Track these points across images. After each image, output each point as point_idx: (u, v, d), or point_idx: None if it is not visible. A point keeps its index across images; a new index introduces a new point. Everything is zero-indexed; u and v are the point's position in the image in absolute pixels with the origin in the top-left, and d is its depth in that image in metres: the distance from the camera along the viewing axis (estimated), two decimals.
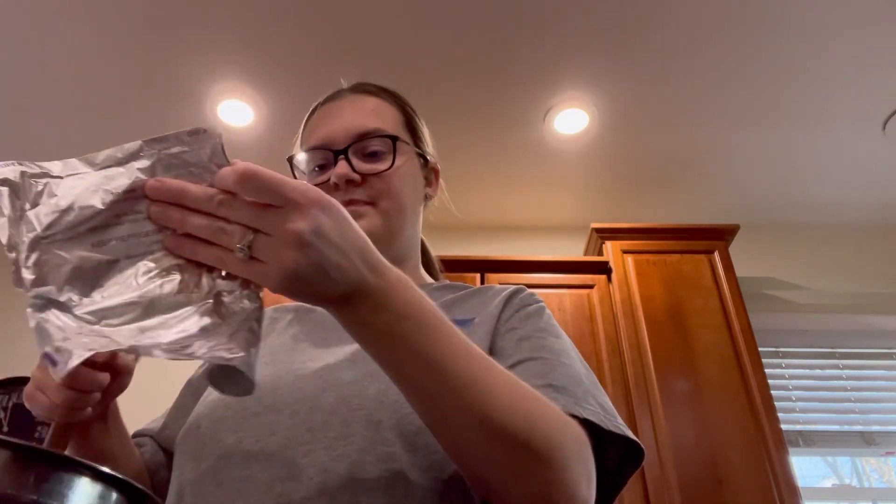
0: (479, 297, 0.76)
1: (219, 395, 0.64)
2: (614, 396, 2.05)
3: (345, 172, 0.74)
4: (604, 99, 2.33)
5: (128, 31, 2.05)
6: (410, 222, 0.81)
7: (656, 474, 1.91)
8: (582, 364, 0.66)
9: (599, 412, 0.58)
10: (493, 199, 2.84)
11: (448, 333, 0.49)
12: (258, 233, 0.42)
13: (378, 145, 0.77)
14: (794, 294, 2.74)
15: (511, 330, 0.68)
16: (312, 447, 0.55)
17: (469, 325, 0.69)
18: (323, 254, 0.43)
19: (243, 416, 0.60)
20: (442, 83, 2.26)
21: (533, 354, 0.63)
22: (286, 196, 0.42)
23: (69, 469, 0.33)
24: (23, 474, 0.32)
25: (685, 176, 2.70)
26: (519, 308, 0.72)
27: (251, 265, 0.42)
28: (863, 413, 2.53)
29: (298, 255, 0.41)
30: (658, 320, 2.22)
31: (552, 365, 0.61)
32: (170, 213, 0.44)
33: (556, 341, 0.66)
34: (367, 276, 0.46)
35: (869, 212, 2.86)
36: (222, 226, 0.43)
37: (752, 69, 2.20)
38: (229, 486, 0.55)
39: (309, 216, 0.42)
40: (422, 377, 0.47)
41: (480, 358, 0.50)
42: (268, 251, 0.42)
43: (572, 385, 0.59)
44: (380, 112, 0.81)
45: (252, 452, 0.57)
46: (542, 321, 0.70)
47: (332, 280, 0.44)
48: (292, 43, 2.10)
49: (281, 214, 0.42)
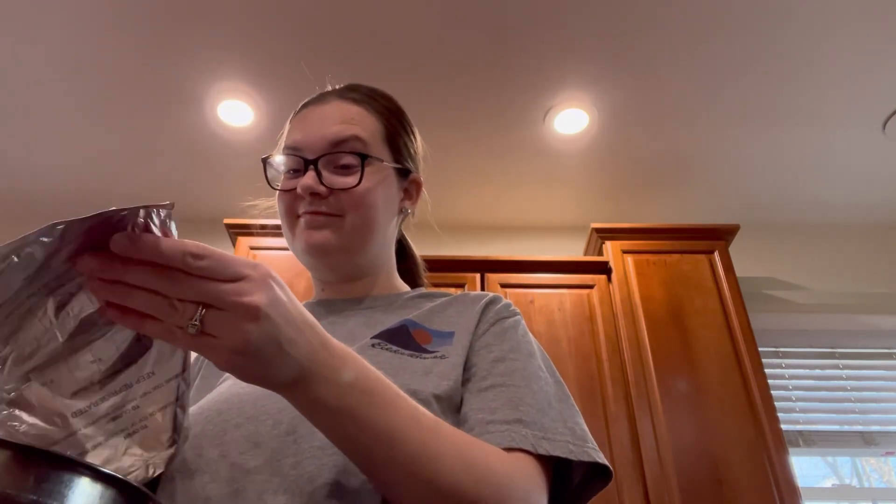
0: (456, 307, 0.76)
1: (197, 409, 0.64)
2: (614, 396, 2.06)
3: (310, 185, 0.73)
4: (604, 99, 2.33)
5: (128, 31, 2.05)
6: (377, 237, 0.79)
7: (656, 474, 1.91)
8: (553, 382, 0.67)
9: (569, 441, 0.60)
10: (493, 199, 2.84)
11: (396, 401, 0.51)
12: (209, 308, 0.42)
13: (350, 159, 0.76)
14: (794, 294, 2.74)
15: (486, 347, 0.68)
16: (298, 458, 0.55)
17: (451, 339, 0.69)
18: (278, 326, 0.43)
19: (224, 430, 0.59)
20: (442, 83, 2.26)
21: (505, 381, 0.64)
22: (239, 271, 0.43)
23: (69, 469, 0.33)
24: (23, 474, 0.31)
25: (685, 176, 2.70)
26: (495, 321, 0.72)
27: (202, 340, 0.42)
28: (863, 413, 2.53)
29: (254, 327, 0.42)
30: (658, 320, 2.22)
31: (522, 395, 0.62)
32: (114, 289, 0.42)
33: (528, 362, 0.67)
34: (319, 350, 0.47)
35: (869, 212, 2.86)
36: (173, 302, 0.42)
37: (752, 69, 2.20)
38: (218, 501, 0.54)
39: (264, 289, 0.43)
40: (373, 447, 0.49)
41: (428, 423, 0.52)
42: (222, 325, 0.42)
43: (540, 416, 0.61)
44: (360, 122, 0.79)
45: (237, 465, 0.56)
46: (516, 337, 0.70)
47: (285, 353, 0.44)
48: (292, 43, 2.10)
49: (235, 288, 0.42)
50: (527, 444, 0.57)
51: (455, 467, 0.50)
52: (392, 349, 0.67)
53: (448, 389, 0.63)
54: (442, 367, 0.65)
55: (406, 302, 0.79)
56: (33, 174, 2.65)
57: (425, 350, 0.68)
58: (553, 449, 0.58)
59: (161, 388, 0.50)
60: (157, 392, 0.49)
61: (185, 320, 0.41)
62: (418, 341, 0.69)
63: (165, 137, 2.47)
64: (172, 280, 0.41)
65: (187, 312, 0.42)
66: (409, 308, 0.77)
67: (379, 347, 0.67)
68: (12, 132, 2.44)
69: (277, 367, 0.44)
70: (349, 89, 0.84)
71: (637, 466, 1.93)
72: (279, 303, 0.44)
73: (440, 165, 2.64)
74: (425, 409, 0.53)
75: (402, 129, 0.84)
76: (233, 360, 0.43)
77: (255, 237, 2.34)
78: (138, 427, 0.48)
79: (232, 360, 0.43)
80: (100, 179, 2.67)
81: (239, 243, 2.36)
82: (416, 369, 0.64)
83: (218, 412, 0.61)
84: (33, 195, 2.76)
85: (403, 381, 0.61)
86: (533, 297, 2.25)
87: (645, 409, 2.03)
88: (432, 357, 0.66)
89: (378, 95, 0.85)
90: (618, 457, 1.94)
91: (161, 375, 0.49)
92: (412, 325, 0.72)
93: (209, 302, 0.42)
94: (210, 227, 2.75)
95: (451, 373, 0.64)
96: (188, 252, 0.42)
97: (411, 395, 0.60)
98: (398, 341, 0.69)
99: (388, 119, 0.83)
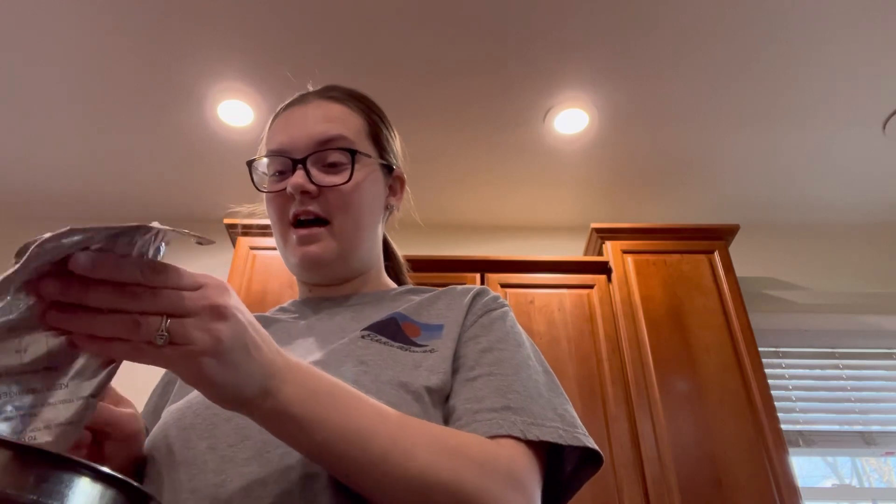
0: (444, 300, 0.76)
1: (185, 402, 0.63)
2: (614, 396, 2.06)
3: (300, 183, 0.73)
4: (604, 99, 2.33)
5: (127, 31, 2.05)
6: (368, 237, 0.80)
7: (656, 474, 1.91)
8: (543, 371, 0.67)
9: (559, 427, 0.60)
10: (493, 199, 2.84)
11: (358, 402, 0.51)
12: (173, 317, 0.42)
13: (338, 156, 0.76)
14: (794, 294, 2.74)
15: (474, 338, 0.68)
16: (287, 450, 0.55)
17: (440, 332, 0.69)
18: (245, 326, 0.45)
19: (213, 423, 0.59)
20: (442, 83, 2.26)
21: (493, 370, 0.64)
22: (197, 281, 0.44)
23: (69, 469, 0.33)
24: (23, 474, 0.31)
25: (685, 176, 2.70)
26: (482, 313, 0.72)
27: (172, 351, 0.42)
28: (863, 413, 2.53)
29: (224, 326, 0.43)
30: (658, 320, 2.22)
31: (510, 381, 0.62)
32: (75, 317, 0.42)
33: (516, 351, 0.67)
34: (278, 357, 0.48)
35: (869, 212, 2.87)
36: (136, 318, 0.41)
37: (751, 69, 2.20)
38: (205, 494, 0.54)
39: (226, 293, 0.45)
40: (345, 450, 0.48)
41: (395, 418, 0.52)
42: (190, 331, 0.42)
43: (529, 403, 0.61)
44: (344, 120, 0.79)
45: (227, 458, 0.56)
46: (504, 328, 0.70)
47: (252, 358, 0.45)
48: (292, 43, 2.10)
49: (199, 294, 0.43)
50: (515, 430, 0.57)
51: (429, 458, 0.50)
52: (382, 341, 0.67)
53: (439, 382, 0.63)
54: (431, 361, 0.65)
55: (395, 297, 0.80)
56: (33, 174, 2.65)
57: (414, 343, 0.68)
58: (543, 434, 0.58)
59: (67, 405, 0.46)
60: (62, 406, 0.46)
61: (152, 333, 0.41)
62: (407, 334, 0.69)
63: (165, 137, 2.47)
64: (135, 296, 0.41)
65: (152, 325, 0.41)
66: (397, 303, 0.78)
67: (369, 339, 0.67)
68: (12, 131, 2.44)
69: (246, 372, 0.45)
70: (329, 89, 0.84)
71: (637, 466, 1.93)
72: (241, 306, 0.46)
73: (440, 165, 2.64)
74: (387, 407, 0.53)
75: (384, 126, 0.85)
76: (204, 368, 0.42)
77: (255, 237, 2.34)
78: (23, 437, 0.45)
79: (203, 367, 0.42)
80: (100, 179, 2.67)
81: (239, 243, 2.36)
82: (405, 362, 0.64)
83: (206, 405, 0.61)
84: (33, 195, 2.76)
85: (394, 373, 0.62)
86: (533, 297, 2.25)
87: (645, 409, 2.03)
88: (421, 351, 0.66)
89: (357, 95, 0.85)
90: (618, 457, 1.94)
91: (74, 391, 0.48)
92: (401, 318, 0.72)
93: (175, 311, 0.42)
94: (210, 227, 2.75)
95: (441, 365, 0.65)
96: (147, 267, 0.42)
97: (402, 388, 0.60)
98: (387, 333, 0.69)
99: (369, 116, 0.83)
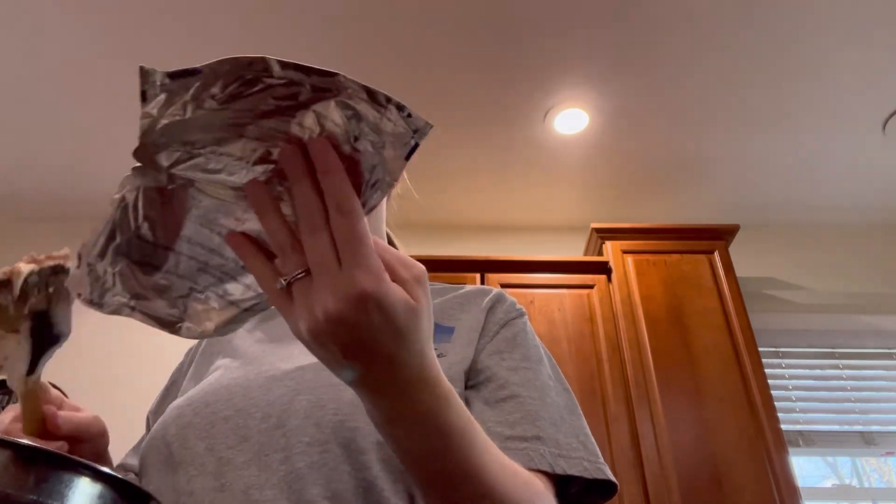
0: (458, 299, 0.74)
1: (186, 398, 0.62)
2: (614, 396, 2.06)
3: None
4: (604, 99, 2.33)
5: (127, 31, 2.05)
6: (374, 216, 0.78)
7: (656, 474, 1.91)
8: (562, 390, 0.67)
9: (583, 458, 0.60)
10: (493, 199, 2.84)
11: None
12: (308, 275, 0.38)
13: None
14: (794, 294, 2.74)
15: (499, 353, 0.67)
16: (287, 454, 0.54)
17: (449, 336, 0.68)
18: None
19: (212, 422, 0.58)
20: (442, 83, 2.26)
21: (520, 391, 0.63)
22: (398, 261, 0.40)
23: (69, 469, 0.33)
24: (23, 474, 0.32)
25: (685, 176, 2.70)
26: (504, 323, 0.71)
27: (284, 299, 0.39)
28: (863, 413, 2.53)
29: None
30: (658, 320, 2.22)
31: (537, 407, 0.62)
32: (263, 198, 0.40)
33: (539, 370, 0.66)
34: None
35: (869, 212, 2.87)
36: (290, 244, 0.39)
37: (751, 70, 2.20)
38: (203, 496, 0.53)
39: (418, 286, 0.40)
40: (449, 465, 0.44)
41: (484, 439, 0.49)
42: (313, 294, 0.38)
43: (555, 431, 0.60)
44: None
45: (225, 460, 0.55)
46: (526, 342, 0.69)
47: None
48: (292, 42, 2.10)
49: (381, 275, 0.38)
50: (545, 464, 0.57)
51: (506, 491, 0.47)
52: None
53: None
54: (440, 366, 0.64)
55: None
56: (35, 173, 2.65)
57: None
58: (569, 468, 0.58)
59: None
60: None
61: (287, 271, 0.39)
62: None
63: None
64: (314, 228, 0.38)
65: (290, 263, 0.39)
66: None
67: None
68: (11, 131, 2.44)
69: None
70: None
71: (637, 466, 1.94)
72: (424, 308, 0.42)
73: (440, 165, 2.64)
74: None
75: None
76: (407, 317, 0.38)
77: None
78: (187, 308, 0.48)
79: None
80: (103, 179, 2.67)
81: None
82: None
83: (206, 403, 0.60)
84: (35, 194, 2.76)
85: None
86: (533, 298, 2.25)
87: (645, 409, 2.03)
88: None
89: None
90: (618, 457, 1.94)
91: None
92: None
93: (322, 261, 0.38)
94: None
95: (448, 371, 0.64)
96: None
97: None
98: None
99: None
